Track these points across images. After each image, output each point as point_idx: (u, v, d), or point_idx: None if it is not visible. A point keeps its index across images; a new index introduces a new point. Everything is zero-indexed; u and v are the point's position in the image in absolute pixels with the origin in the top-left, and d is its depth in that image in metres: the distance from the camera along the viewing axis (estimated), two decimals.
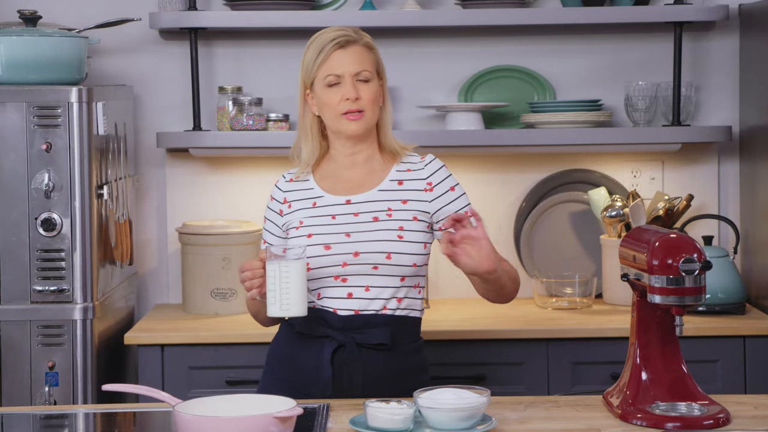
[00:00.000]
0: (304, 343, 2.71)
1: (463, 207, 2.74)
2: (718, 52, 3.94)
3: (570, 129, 3.76)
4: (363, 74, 2.70)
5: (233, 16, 3.76)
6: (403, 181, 2.74)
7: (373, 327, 2.67)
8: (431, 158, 2.79)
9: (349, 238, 2.67)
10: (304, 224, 2.72)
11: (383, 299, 2.68)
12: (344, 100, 2.68)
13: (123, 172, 3.66)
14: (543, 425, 2.35)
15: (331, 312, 2.69)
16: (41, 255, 3.32)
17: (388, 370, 2.68)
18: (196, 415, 2.18)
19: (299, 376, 2.69)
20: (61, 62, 3.39)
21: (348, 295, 2.68)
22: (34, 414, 2.56)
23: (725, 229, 3.92)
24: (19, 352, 3.32)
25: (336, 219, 2.70)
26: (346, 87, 2.68)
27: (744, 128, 3.89)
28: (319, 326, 2.69)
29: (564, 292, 3.77)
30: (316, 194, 2.75)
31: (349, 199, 2.72)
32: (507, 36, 3.93)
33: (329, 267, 2.67)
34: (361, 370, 2.66)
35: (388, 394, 2.60)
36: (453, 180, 2.77)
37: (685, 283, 2.32)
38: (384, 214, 2.69)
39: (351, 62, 2.69)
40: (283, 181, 2.82)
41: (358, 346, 2.66)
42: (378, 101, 2.73)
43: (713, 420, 2.31)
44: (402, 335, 2.71)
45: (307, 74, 2.74)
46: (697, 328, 3.45)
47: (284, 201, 2.78)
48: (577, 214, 3.91)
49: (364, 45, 2.73)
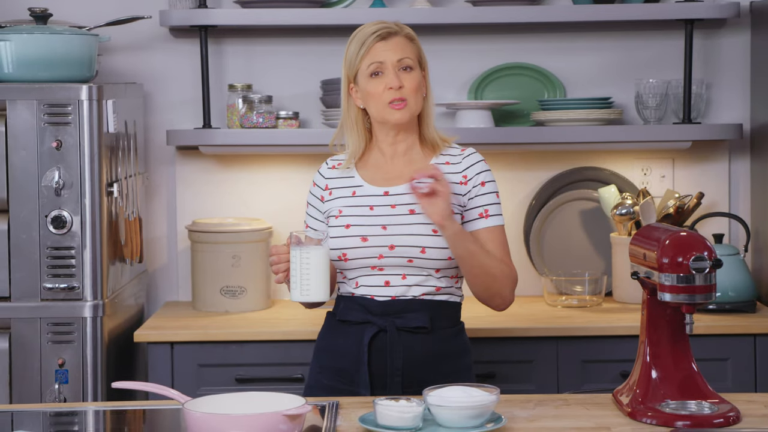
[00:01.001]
0: (345, 329, 2.74)
1: (488, 204, 2.74)
2: (729, 49, 3.93)
3: (580, 127, 3.76)
4: (405, 61, 2.73)
5: (243, 14, 3.76)
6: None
7: (411, 311, 2.70)
8: (471, 151, 2.80)
9: (385, 231, 2.70)
10: (343, 213, 2.75)
11: (421, 286, 2.71)
12: (388, 89, 2.71)
13: (133, 170, 3.67)
14: (553, 423, 2.35)
15: (370, 298, 2.72)
16: (51, 252, 3.33)
17: (428, 354, 2.71)
18: (206, 412, 2.18)
19: (343, 361, 2.73)
20: (72, 60, 3.40)
21: (385, 283, 2.71)
22: (44, 411, 2.56)
23: (736, 227, 3.91)
24: (29, 349, 3.32)
25: (374, 210, 2.73)
26: (389, 76, 2.71)
27: (755, 126, 3.88)
28: (359, 312, 2.72)
29: (574, 290, 3.77)
30: (356, 183, 2.78)
31: (387, 191, 2.75)
32: (517, 33, 3.93)
33: (365, 258, 2.70)
34: (401, 353, 2.68)
35: (429, 377, 2.65)
36: (488, 175, 2.78)
37: (696, 281, 2.32)
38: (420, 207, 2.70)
39: (393, 51, 2.73)
40: (326, 167, 2.85)
41: (397, 330, 2.69)
42: (421, 91, 2.76)
43: (723, 418, 2.31)
44: (441, 319, 2.73)
45: (351, 68, 2.76)
46: (708, 326, 3.44)
47: (326, 188, 2.81)
48: (587, 211, 3.91)
49: (405, 36, 2.77)
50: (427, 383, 2.53)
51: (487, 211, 2.75)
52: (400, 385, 2.67)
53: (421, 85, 2.76)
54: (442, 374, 2.68)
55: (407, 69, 2.74)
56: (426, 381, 2.59)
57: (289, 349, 3.44)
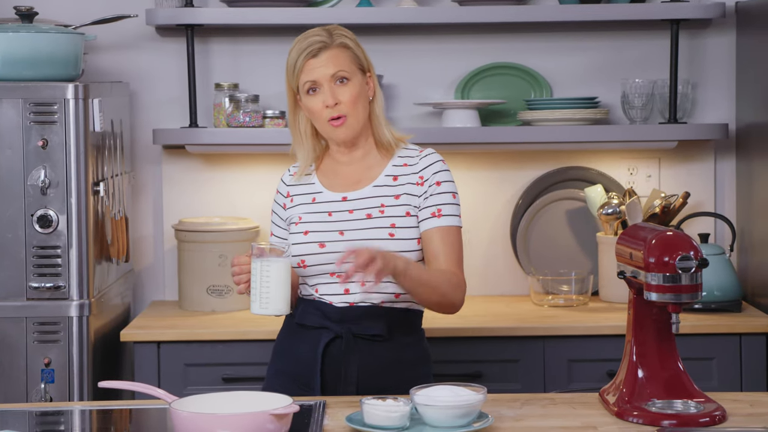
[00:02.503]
0: (303, 334, 2.72)
1: (442, 204, 2.70)
2: (715, 49, 3.94)
3: (566, 126, 3.76)
4: (339, 74, 2.68)
5: (230, 13, 3.75)
6: (398, 177, 2.73)
7: (369, 318, 2.67)
8: (429, 152, 2.76)
9: (342, 236, 2.68)
10: (302, 220, 2.73)
11: (380, 293, 2.68)
12: (325, 107, 2.68)
13: (119, 169, 3.66)
14: (539, 423, 2.35)
15: (328, 303, 2.70)
16: (37, 252, 3.32)
17: (385, 362, 2.68)
18: (193, 412, 2.18)
19: (299, 367, 2.70)
20: (58, 59, 3.39)
21: (345, 291, 2.69)
22: (30, 411, 2.55)
23: (721, 227, 3.92)
24: (14, 348, 3.31)
25: (332, 216, 2.71)
26: (325, 93, 2.67)
27: (740, 126, 3.90)
28: (316, 317, 2.70)
29: (560, 289, 3.77)
30: (315, 190, 2.76)
31: (345, 196, 2.73)
32: (504, 33, 3.93)
33: (324, 265, 2.68)
34: (357, 361, 2.66)
35: (386, 385, 2.61)
36: (445, 176, 2.73)
37: (682, 281, 2.32)
38: (377, 211, 2.69)
39: (325, 66, 2.67)
40: (288, 175, 2.83)
41: (354, 336, 2.67)
42: (362, 98, 2.71)
43: (709, 417, 2.31)
44: (400, 327, 2.71)
45: (291, 80, 2.73)
46: (693, 325, 3.45)
47: (287, 195, 2.80)
48: (573, 211, 3.91)
49: (338, 46, 2.69)
50: (384, 392, 2.50)
51: (440, 210, 2.70)
52: (355, 393, 2.63)
53: (360, 94, 2.70)
54: (400, 382, 2.60)
55: (343, 81, 2.68)
56: (382, 389, 2.55)
57: None
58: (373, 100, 2.75)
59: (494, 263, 3.96)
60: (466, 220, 3.90)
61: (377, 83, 2.76)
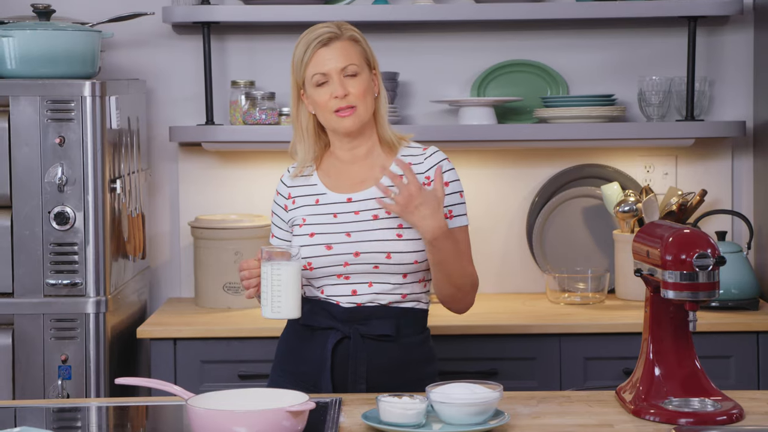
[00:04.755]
0: (310, 334, 2.71)
1: (452, 205, 2.70)
2: (732, 46, 3.93)
3: (583, 124, 3.76)
4: (350, 68, 2.67)
5: (246, 11, 3.76)
6: (403, 176, 2.69)
7: (377, 318, 2.67)
8: (433, 150, 2.75)
9: (349, 237, 2.66)
10: (306, 222, 2.71)
11: (387, 294, 2.68)
12: (333, 98, 2.66)
13: (136, 166, 3.67)
14: (556, 420, 2.35)
15: (335, 304, 2.69)
16: (54, 249, 3.33)
17: (392, 362, 2.68)
18: (209, 409, 2.18)
19: (306, 367, 2.70)
20: (75, 56, 3.40)
21: (352, 292, 2.68)
22: (47, 407, 2.56)
23: (739, 225, 3.91)
24: (32, 345, 3.33)
25: (337, 218, 2.69)
26: (334, 85, 2.66)
27: (758, 123, 3.88)
28: (323, 318, 2.69)
29: (576, 287, 3.77)
30: (319, 191, 2.74)
31: (350, 197, 2.71)
32: (520, 30, 3.93)
33: (331, 267, 2.67)
34: (365, 361, 2.66)
35: (393, 385, 2.62)
36: (452, 175, 2.72)
37: (699, 279, 2.32)
38: (383, 212, 2.67)
39: (336, 58, 2.66)
40: (288, 176, 2.80)
41: (362, 337, 2.66)
42: (370, 93, 2.70)
43: (726, 416, 2.31)
44: (407, 327, 2.70)
45: (297, 74, 2.72)
46: (711, 323, 3.44)
47: (289, 196, 2.77)
48: (589, 209, 3.91)
49: (348, 39, 2.68)
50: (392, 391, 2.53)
51: (451, 212, 2.70)
52: (364, 392, 2.63)
53: (369, 88, 2.69)
54: (407, 382, 2.63)
55: (353, 74, 2.67)
56: (390, 389, 2.58)
57: None
58: (378, 96, 2.74)
59: (510, 261, 3.95)
60: (481, 218, 3.92)
61: (381, 82, 2.76)
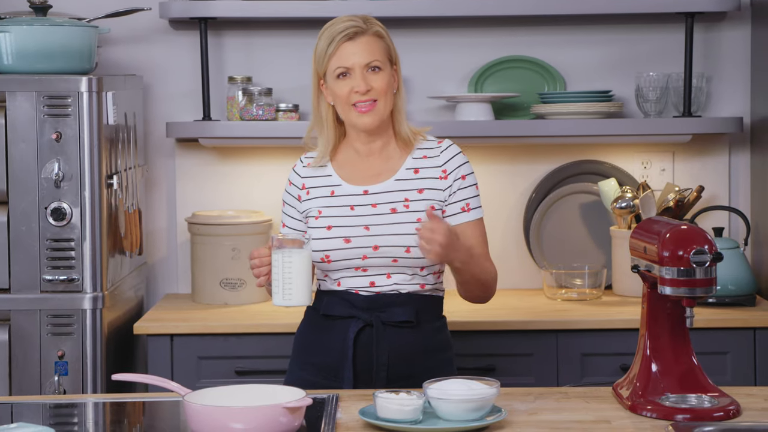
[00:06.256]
0: (330, 324, 2.72)
1: (469, 198, 2.73)
2: (730, 42, 3.93)
3: (580, 120, 3.75)
4: (373, 64, 2.69)
5: (243, 6, 3.75)
6: (419, 170, 2.73)
7: (397, 305, 2.69)
8: (448, 144, 2.78)
9: (368, 231, 2.67)
10: (323, 214, 2.72)
11: (406, 284, 2.70)
12: (354, 92, 2.67)
13: (133, 162, 3.67)
14: (552, 416, 2.35)
15: (354, 293, 2.70)
16: (51, 244, 3.32)
17: (413, 348, 2.70)
18: (206, 405, 2.18)
19: (327, 358, 2.70)
20: (71, 52, 3.39)
21: (370, 284, 2.70)
22: (44, 403, 2.56)
23: (736, 221, 3.91)
24: (28, 341, 3.32)
25: (355, 210, 2.70)
26: (356, 79, 2.67)
27: (755, 119, 3.88)
28: (343, 307, 2.70)
29: (573, 283, 3.77)
30: (334, 182, 2.75)
31: (366, 190, 2.72)
32: (517, 26, 3.92)
33: (349, 260, 2.68)
34: (386, 348, 2.67)
35: (414, 372, 2.64)
36: (467, 168, 2.76)
37: (696, 275, 2.32)
38: (401, 206, 2.69)
39: (360, 53, 2.68)
40: (301, 166, 2.81)
41: (383, 324, 2.67)
42: (390, 89, 2.71)
43: (723, 412, 2.31)
44: (426, 313, 2.72)
45: (319, 65, 2.73)
46: (707, 319, 3.44)
47: (303, 187, 2.78)
48: (587, 205, 3.90)
49: (373, 34, 2.71)
50: (412, 378, 2.58)
51: (468, 204, 2.73)
52: (385, 379, 2.65)
53: (391, 84, 2.71)
54: (426, 368, 2.66)
55: (375, 69, 2.69)
56: (411, 375, 2.61)
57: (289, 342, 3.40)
58: (398, 92, 2.75)
59: (507, 257, 3.95)
60: None
61: (401, 77, 2.77)
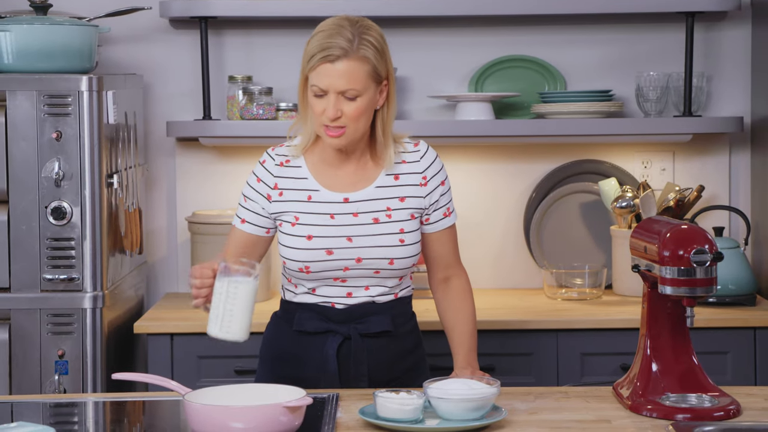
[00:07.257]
0: (306, 339, 2.68)
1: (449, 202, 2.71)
2: (730, 42, 3.93)
3: (580, 119, 3.75)
4: (349, 94, 2.54)
5: (243, 5, 3.75)
6: (399, 175, 2.66)
7: (373, 315, 2.66)
8: (425, 148, 2.70)
9: (351, 243, 2.61)
10: (300, 221, 2.62)
11: (383, 296, 2.68)
12: (325, 114, 2.55)
13: (133, 161, 3.66)
14: (553, 416, 2.35)
15: (330, 306, 2.66)
16: (51, 243, 3.32)
17: (391, 354, 2.69)
18: (206, 404, 2.18)
19: (307, 372, 2.67)
20: (72, 51, 3.39)
21: (347, 294, 2.66)
22: (44, 402, 2.56)
23: (736, 221, 3.91)
24: (29, 340, 3.32)
25: (335, 219, 2.62)
26: (329, 104, 2.54)
27: (756, 119, 3.88)
28: (319, 321, 2.66)
29: (574, 282, 3.77)
30: (310, 186, 2.65)
31: (347, 197, 2.63)
32: (518, 26, 3.92)
33: (330, 271, 2.63)
34: (365, 359, 2.66)
35: (393, 377, 2.64)
36: (444, 172, 2.71)
37: (696, 275, 2.32)
38: (384, 215, 2.63)
39: (338, 80, 2.53)
40: (273, 164, 2.67)
41: (361, 336, 2.66)
42: (367, 112, 2.57)
43: (724, 411, 2.31)
44: (400, 317, 2.71)
45: (303, 68, 2.60)
46: (708, 319, 3.44)
47: (275, 187, 2.66)
48: (587, 204, 3.90)
49: (358, 58, 2.54)
50: (392, 382, 2.60)
51: (449, 209, 2.72)
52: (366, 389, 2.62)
53: (366, 109, 2.55)
54: (404, 370, 2.68)
55: (351, 98, 2.54)
56: (390, 380, 2.62)
57: None
58: (386, 107, 2.63)
59: (507, 256, 3.95)
60: (478, 214, 3.93)
61: (393, 91, 2.64)
